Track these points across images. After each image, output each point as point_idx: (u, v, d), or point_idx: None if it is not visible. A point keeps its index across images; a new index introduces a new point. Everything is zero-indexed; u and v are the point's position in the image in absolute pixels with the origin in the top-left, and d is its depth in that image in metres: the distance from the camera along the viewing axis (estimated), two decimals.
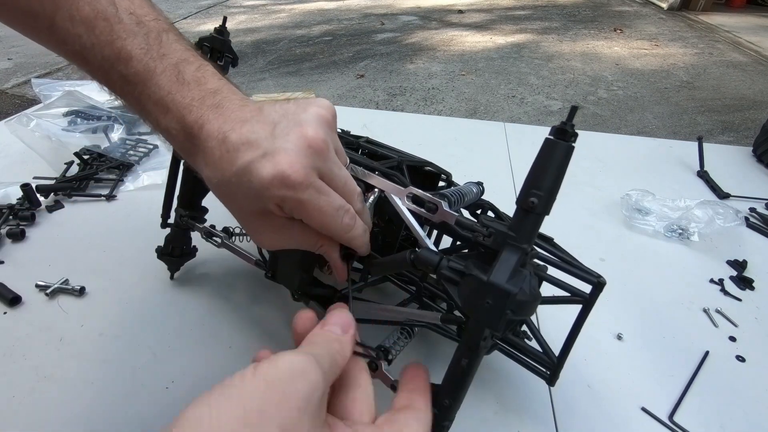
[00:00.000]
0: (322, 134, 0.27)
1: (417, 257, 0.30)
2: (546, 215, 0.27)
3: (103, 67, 0.28)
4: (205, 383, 0.42)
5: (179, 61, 0.28)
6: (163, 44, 0.29)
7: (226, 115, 0.27)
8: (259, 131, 0.26)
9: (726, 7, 5.46)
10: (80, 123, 0.81)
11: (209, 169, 0.27)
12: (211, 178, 0.27)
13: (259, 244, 0.30)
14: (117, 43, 0.27)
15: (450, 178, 0.44)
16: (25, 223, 0.60)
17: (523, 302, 0.26)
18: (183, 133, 0.28)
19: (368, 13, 4.81)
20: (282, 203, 0.27)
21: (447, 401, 0.29)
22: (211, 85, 0.28)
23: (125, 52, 0.27)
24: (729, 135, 2.64)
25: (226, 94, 0.28)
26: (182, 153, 0.30)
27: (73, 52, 0.28)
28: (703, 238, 0.66)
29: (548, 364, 0.37)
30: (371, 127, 0.92)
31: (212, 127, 0.27)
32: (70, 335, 0.47)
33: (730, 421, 0.43)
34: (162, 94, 0.27)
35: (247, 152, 0.26)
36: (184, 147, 0.28)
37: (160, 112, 0.28)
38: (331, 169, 0.28)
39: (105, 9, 0.27)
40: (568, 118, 0.25)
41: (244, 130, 0.26)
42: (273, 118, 0.27)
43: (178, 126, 0.28)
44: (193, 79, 0.28)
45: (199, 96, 0.28)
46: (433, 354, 0.47)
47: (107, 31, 0.27)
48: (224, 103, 0.28)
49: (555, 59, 3.63)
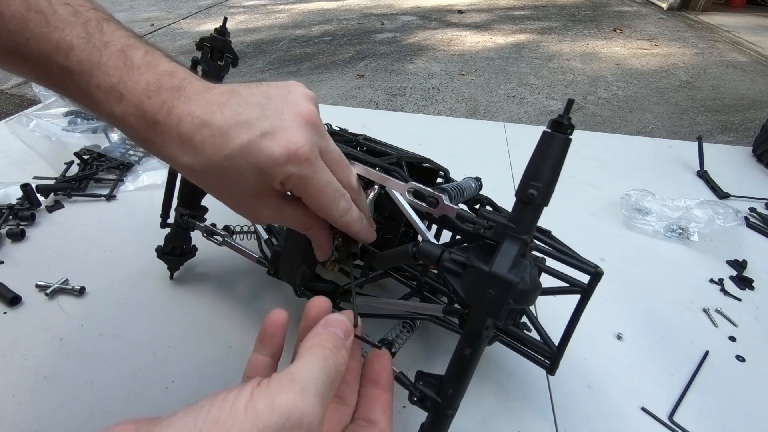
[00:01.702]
0: (316, 111, 0.27)
1: (419, 250, 0.30)
2: (545, 206, 0.27)
3: (41, 62, 0.26)
4: (205, 383, 0.43)
5: (124, 46, 0.27)
6: (104, 32, 0.27)
7: (193, 98, 0.26)
8: (248, 113, 0.26)
9: (726, 7, 5.46)
10: (80, 123, 0.81)
11: (188, 156, 0.26)
12: (193, 164, 0.26)
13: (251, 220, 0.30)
14: (54, 35, 0.25)
15: (448, 174, 0.45)
16: (25, 223, 0.60)
17: (524, 291, 0.26)
18: (143, 121, 0.26)
19: (368, 13, 4.81)
20: (288, 180, 0.27)
21: (451, 391, 0.29)
22: (163, 67, 0.27)
23: (64, 43, 0.26)
24: (729, 135, 2.64)
25: (183, 76, 0.27)
26: (143, 143, 0.27)
27: (7, 51, 0.26)
28: (703, 238, 0.66)
29: (548, 353, 0.38)
30: (371, 127, 0.92)
31: (182, 110, 0.26)
32: (70, 335, 0.47)
33: (730, 421, 0.43)
34: (112, 81, 0.26)
35: (241, 133, 0.25)
36: (145, 136, 0.27)
37: (114, 100, 0.26)
38: (327, 145, 0.29)
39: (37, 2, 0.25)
40: (565, 111, 0.26)
41: (229, 113, 0.26)
42: (257, 100, 0.27)
43: (137, 113, 0.26)
44: (143, 63, 0.27)
45: (154, 79, 0.26)
46: (435, 346, 0.47)
47: (42, 24, 0.25)
48: (185, 85, 0.27)
49: (555, 59, 3.63)
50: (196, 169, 0.27)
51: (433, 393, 0.30)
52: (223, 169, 0.26)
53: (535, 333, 0.40)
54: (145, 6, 4.76)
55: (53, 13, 0.26)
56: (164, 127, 0.26)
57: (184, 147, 0.26)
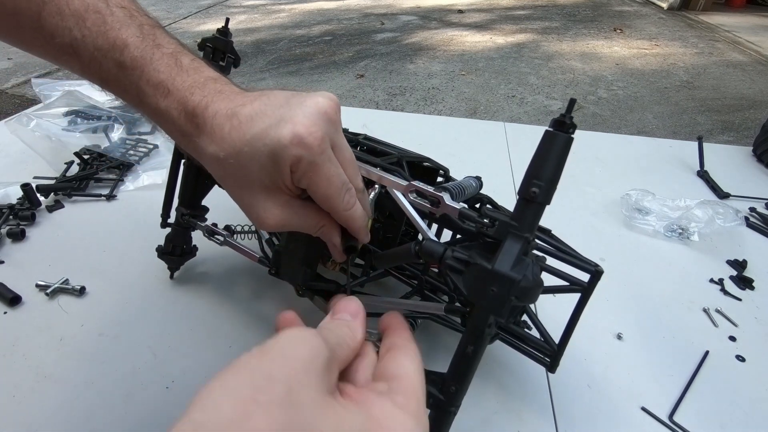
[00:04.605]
0: (336, 107, 0.29)
1: (422, 248, 0.31)
2: (547, 205, 0.27)
3: (95, 57, 0.28)
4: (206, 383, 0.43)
5: (174, 51, 0.30)
6: (156, 36, 0.30)
7: (231, 98, 0.28)
8: (272, 103, 0.28)
9: (726, 7, 5.46)
10: (80, 123, 0.81)
11: (215, 145, 0.28)
12: (218, 152, 0.28)
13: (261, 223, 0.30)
14: (111, 33, 0.28)
15: (448, 174, 0.45)
16: (25, 223, 0.60)
17: (526, 289, 0.26)
18: (184, 114, 0.28)
19: (368, 13, 4.81)
20: (297, 164, 0.27)
21: (453, 388, 0.29)
22: (209, 73, 0.30)
23: (120, 41, 0.28)
24: (729, 135, 2.64)
25: (225, 82, 0.30)
26: (180, 136, 0.30)
27: (63, 46, 0.28)
28: (703, 237, 0.66)
29: (549, 351, 0.38)
30: (371, 127, 0.92)
31: (219, 106, 0.28)
32: (70, 335, 0.47)
33: (730, 421, 0.43)
34: (162, 77, 0.28)
35: (261, 121, 0.27)
36: (184, 129, 0.29)
37: (161, 94, 0.28)
38: (341, 142, 0.30)
39: (95, 3, 0.28)
40: (567, 111, 0.26)
41: (256, 104, 0.28)
42: (284, 95, 0.29)
43: (180, 107, 0.28)
44: (191, 67, 0.29)
45: (200, 81, 0.29)
46: (435, 345, 0.47)
47: (99, 23, 0.28)
48: (225, 89, 0.29)
49: (555, 59, 3.63)
50: (220, 157, 0.28)
51: (436, 390, 0.30)
52: (243, 155, 0.27)
53: (535, 331, 0.40)
54: (145, 6, 4.68)
55: (110, 14, 0.29)
56: (200, 120, 0.28)
57: (214, 137, 0.28)
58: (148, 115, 0.30)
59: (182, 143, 0.30)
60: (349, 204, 0.30)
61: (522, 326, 0.42)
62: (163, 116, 0.29)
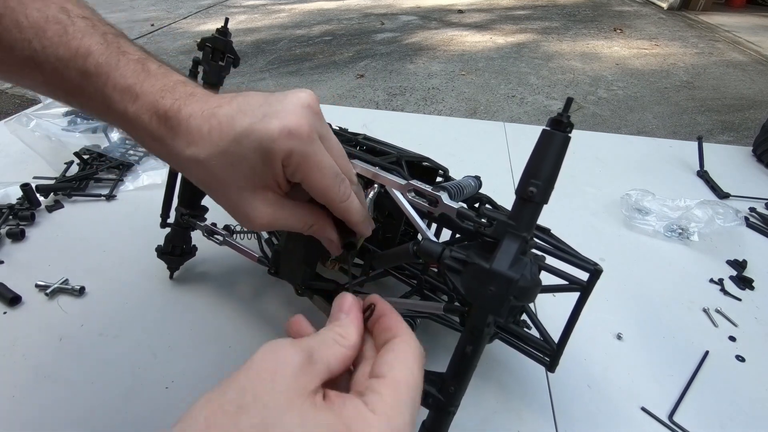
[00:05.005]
0: (316, 100, 0.28)
1: (420, 248, 0.31)
2: (545, 204, 0.27)
3: (57, 68, 0.27)
4: (205, 383, 0.43)
5: (141, 58, 0.29)
6: (121, 44, 0.29)
7: (205, 99, 0.28)
8: (251, 103, 0.27)
9: (726, 7, 5.46)
10: (80, 123, 0.81)
11: (194, 147, 0.27)
12: (198, 153, 0.27)
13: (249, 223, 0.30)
14: (73, 42, 0.27)
15: (447, 173, 0.45)
16: (25, 223, 0.60)
17: (524, 288, 0.26)
18: (156, 118, 0.27)
19: (368, 13, 4.81)
20: (289, 157, 0.27)
21: (452, 388, 0.29)
22: (177, 77, 0.29)
23: (83, 49, 0.27)
24: (729, 135, 2.64)
25: (195, 85, 0.29)
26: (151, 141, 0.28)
27: (23, 59, 0.27)
28: (703, 237, 0.66)
29: (548, 350, 0.38)
30: (371, 127, 0.92)
31: (193, 108, 0.27)
32: (70, 335, 0.47)
33: (730, 421, 0.43)
34: (129, 82, 0.27)
35: (244, 118, 0.26)
36: (156, 133, 0.28)
37: (129, 99, 0.27)
38: (327, 134, 0.29)
39: (56, 15, 0.27)
40: (564, 110, 0.26)
41: (234, 104, 0.27)
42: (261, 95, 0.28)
43: (150, 111, 0.27)
44: (159, 72, 0.28)
45: (169, 85, 0.28)
46: (435, 345, 0.47)
47: (60, 32, 0.27)
48: (197, 91, 0.28)
49: (555, 59, 3.63)
50: (201, 159, 0.27)
51: (435, 390, 0.30)
52: (228, 154, 0.27)
53: (535, 331, 0.40)
54: (145, 6, 4.76)
55: (72, 24, 0.27)
56: (174, 122, 0.27)
57: (192, 138, 0.27)
58: (116, 123, 0.29)
59: (153, 148, 0.29)
60: (345, 195, 0.30)
61: (521, 326, 0.42)
62: (132, 122, 0.28)
